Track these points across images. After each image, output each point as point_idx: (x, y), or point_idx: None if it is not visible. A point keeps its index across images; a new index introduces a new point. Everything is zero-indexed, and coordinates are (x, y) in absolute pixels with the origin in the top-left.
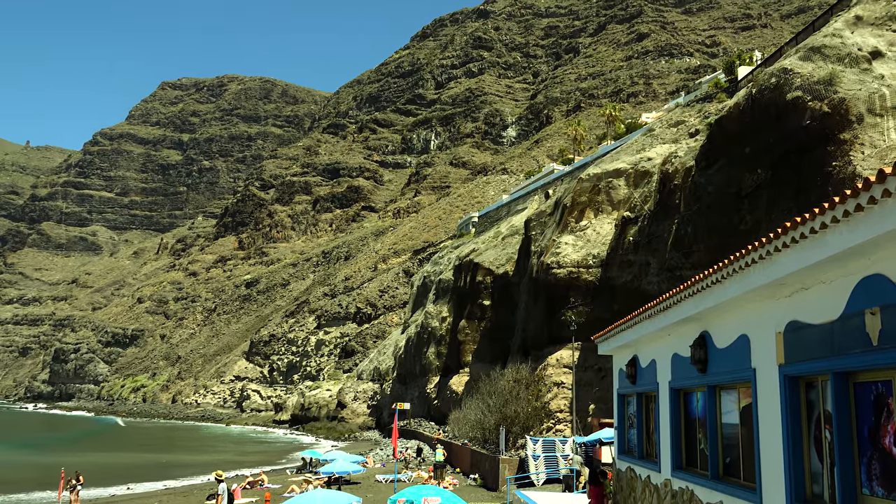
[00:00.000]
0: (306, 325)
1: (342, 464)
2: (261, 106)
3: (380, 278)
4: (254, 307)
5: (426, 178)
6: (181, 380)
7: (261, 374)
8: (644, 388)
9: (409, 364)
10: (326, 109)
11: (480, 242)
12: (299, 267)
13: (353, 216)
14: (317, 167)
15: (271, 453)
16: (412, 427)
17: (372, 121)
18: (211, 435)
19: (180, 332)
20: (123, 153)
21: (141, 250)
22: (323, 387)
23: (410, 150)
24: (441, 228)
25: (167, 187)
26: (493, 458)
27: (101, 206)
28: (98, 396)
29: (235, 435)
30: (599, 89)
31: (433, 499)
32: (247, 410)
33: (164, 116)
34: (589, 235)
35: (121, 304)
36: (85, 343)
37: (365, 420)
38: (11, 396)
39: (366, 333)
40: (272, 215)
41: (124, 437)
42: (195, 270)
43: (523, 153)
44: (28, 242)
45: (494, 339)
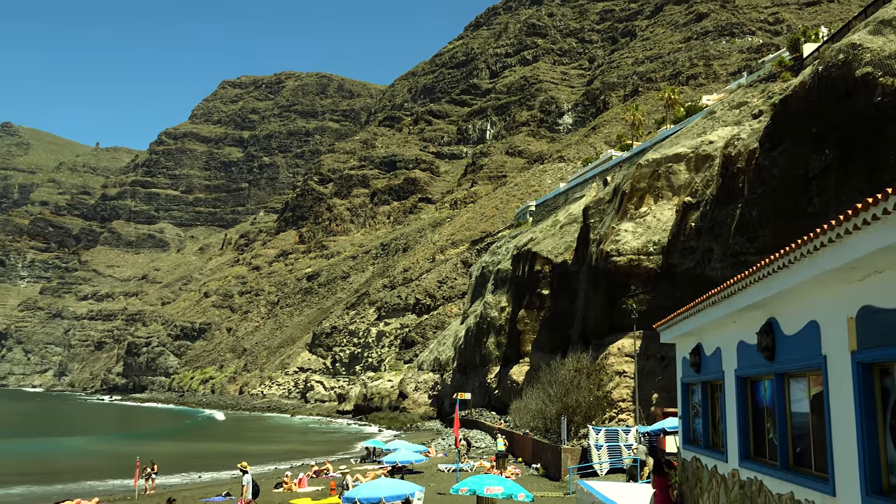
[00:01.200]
0: (367, 317)
1: (405, 453)
2: (318, 101)
3: (438, 269)
4: (315, 300)
5: (482, 168)
6: (247, 371)
7: (324, 365)
8: (709, 376)
9: (468, 354)
10: (382, 102)
11: (538, 231)
12: (359, 259)
13: (411, 208)
14: (374, 160)
15: (334, 443)
16: (473, 417)
17: (427, 112)
18: (276, 425)
19: (245, 325)
20: (187, 152)
21: (206, 246)
22: (384, 377)
23: (466, 140)
24: (498, 218)
25: (229, 184)
26: (555, 448)
27: (167, 204)
28: (169, 388)
29: (299, 425)
30: (657, 73)
31: (495, 488)
32: (311, 401)
33: (225, 115)
34: (649, 222)
35: (188, 299)
36: (156, 337)
37: (426, 410)
38: (89, 389)
39: (425, 324)
40: (331, 209)
41: (198, 427)
42: (258, 265)
43: (580, 140)
44: (100, 240)
45: (554, 329)
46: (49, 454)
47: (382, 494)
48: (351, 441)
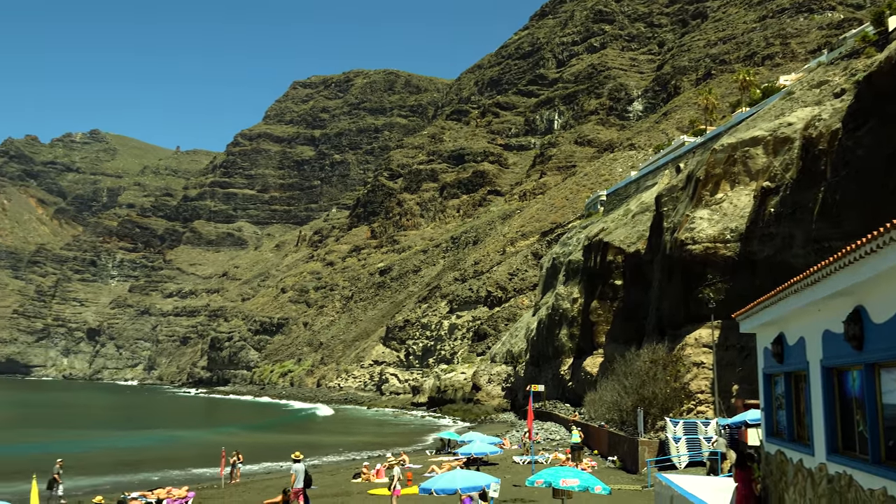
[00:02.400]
0: (439, 310)
1: (479, 445)
2: (386, 98)
3: (508, 261)
4: (388, 294)
5: (551, 159)
6: (324, 364)
7: (398, 358)
8: (792, 367)
9: (541, 346)
10: (449, 96)
11: (610, 221)
12: (429, 253)
13: (480, 201)
14: (442, 154)
15: (408, 435)
16: (547, 409)
17: (494, 104)
18: (351, 417)
19: (321, 319)
20: (262, 152)
21: (282, 243)
22: (457, 370)
23: (534, 131)
24: (568, 209)
25: (303, 182)
26: (632, 441)
27: (244, 203)
28: (251, 381)
29: (373, 417)
30: (731, 54)
31: (571, 480)
32: (386, 393)
33: (297, 115)
34: (725, 209)
35: (266, 295)
36: (237, 332)
37: (500, 402)
38: (176, 382)
39: (497, 317)
40: (401, 204)
41: (280, 418)
42: (332, 260)
43: (651, 127)
44: (183, 240)
45: (628, 320)
46: (145, 445)
47: (458, 486)
48: (425, 433)
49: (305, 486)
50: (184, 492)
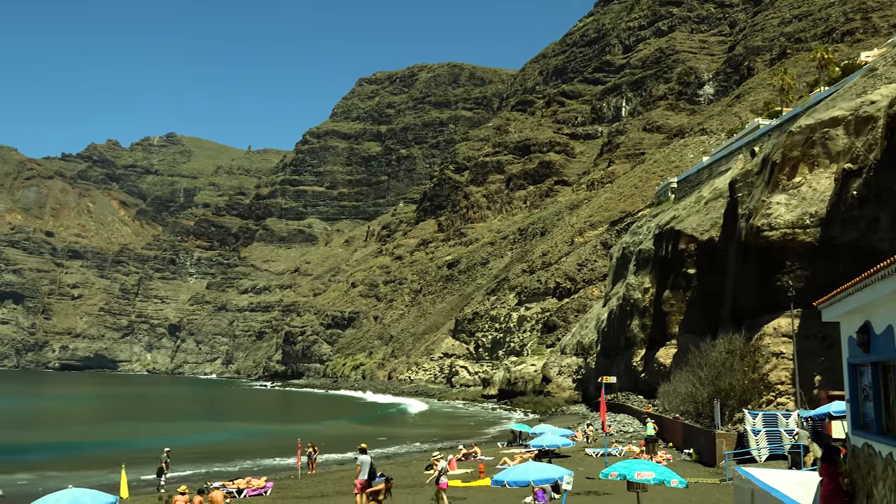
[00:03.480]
0: (507, 302)
1: (551, 437)
2: (450, 91)
3: (577, 252)
4: (456, 286)
5: (619, 147)
6: (395, 357)
7: (467, 350)
8: (880, 356)
9: (612, 337)
10: (513, 87)
11: (681, 209)
12: (497, 245)
13: (547, 191)
14: (508, 146)
15: (480, 426)
16: (619, 401)
17: (560, 94)
18: (420, 409)
19: (391, 312)
20: (330, 149)
21: (351, 238)
22: (527, 362)
23: (601, 119)
24: (638, 197)
25: (370, 177)
26: (709, 433)
27: (314, 200)
28: (324, 374)
29: (441, 409)
30: (807, 31)
31: (646, 473)
32: (456, 386)
33: (363, 111)
34: (804, 193)
35: (337, 289)
36: (309, 326)
37: (571, 394)
38: (253, 375)
39: (566, 308)
40: (468, 196)
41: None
42: (400, 254)
43: (723, 111)
44: (256, 237)
45: (702, 309)
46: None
47: (531, 478)
48: (496, 425)
49: (370, 478)
50: (262, 482)
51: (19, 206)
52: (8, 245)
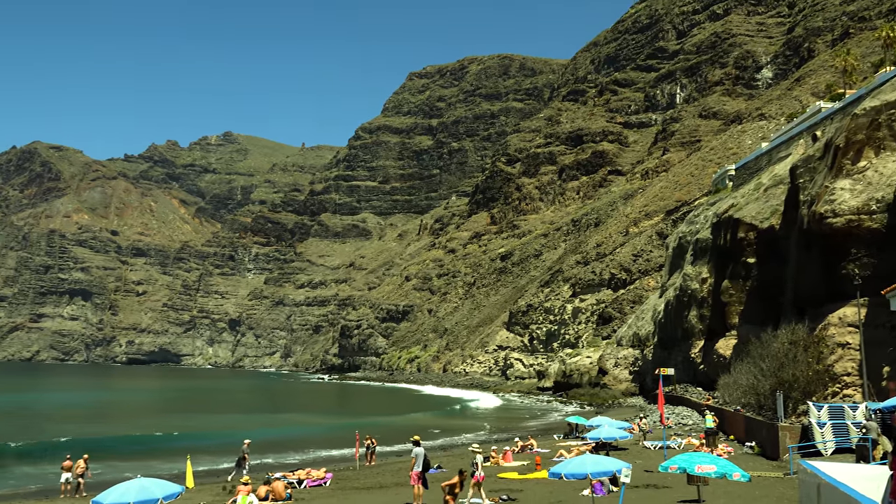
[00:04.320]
0: (561, 294)
1: (608, 430)
2: (501, 83)
3: (632, 242)
4: (510, 279)
5: (674, 135)
6: (449, 350)
7: (522, 343)
8: None
9: (669, 328)
10: (565, 77)
11: (739, 196)
12: (550, 237)
13: (600, 181)
14: (560, 136)
15: (535, 419)
16: (678, 393)
17: (612, 82)
18: (474, 401)
19: (445, 306)
20: (382, 144)
21: (404, 232)
22: (583, 354)
23: (655, 107)
24: (694, 185)
25: (422, 171)
26: (771, 426)
27: (367, 195)
28: (380, 367)
29: (498, 402)
30: (872, 9)
31: (708, 466)
32: (511, 378)
33: (414, 105)
34: (870, 177)
35: (391, 283)
36: (365, 320)
37: (627, 386)
38: (311, 369)
39: (622, 299)
40: (520, 188)
41: (406, 401)
42: (453, 247)
43: (782, 95)
44: (311, 233)
45: (763, 299)
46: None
47: (588, 470)
48: (551, 417)
49: (424, 470)
50: (322, 473)
51: (86, 207)
52: (76, 244)
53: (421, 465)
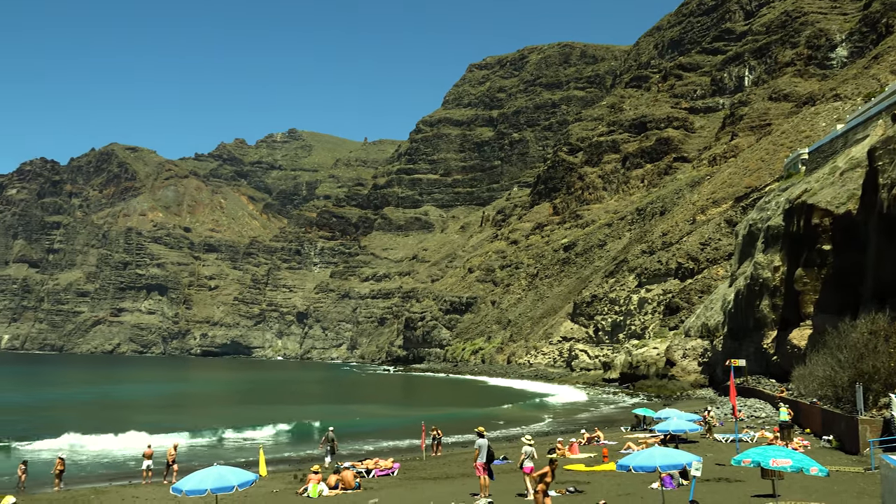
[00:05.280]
0: (627, 284)
1: (677, 422)
2: (561, 71)
3: (700, 231)
4: (573, 269)
5: (742, 119)
6: (513, 342)
7: (586, 334)
8: None
9: (740, 319)
10: (627, 63)
11: (813, 181)
12: (614, 226)
13: (666, 169)
14: (623, 124)
15: (601, 411)
16: (749, 385)
17: (676, 67)
18: (540, 393)
19: (508, 297)
20: (443, 137)
21: (466, 224)
22: (650, 345)
23: (722, 91)
24: (764, 171)
25: (483, 163)
26: (851, 419)
27: (429, 188)
28: (444, 359)
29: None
30: None
31: (783, 460)
32: (576, 370)
33: (474, 97)
34: None
35: (454, 275)
36: (429, 312)
37: (696, 378)
38: (376, 360)
39: (689, 289)
40: (583, 178)
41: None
42: (516, 239)
43: (858, 74)
44: (374, 226)
45: (840, 288)
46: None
47: (658, 463)
48: (616, 409)
49: (489, 461)
50: (390, 462)
51: (160, 205)
52: (152, 241)
53: (485, 455)
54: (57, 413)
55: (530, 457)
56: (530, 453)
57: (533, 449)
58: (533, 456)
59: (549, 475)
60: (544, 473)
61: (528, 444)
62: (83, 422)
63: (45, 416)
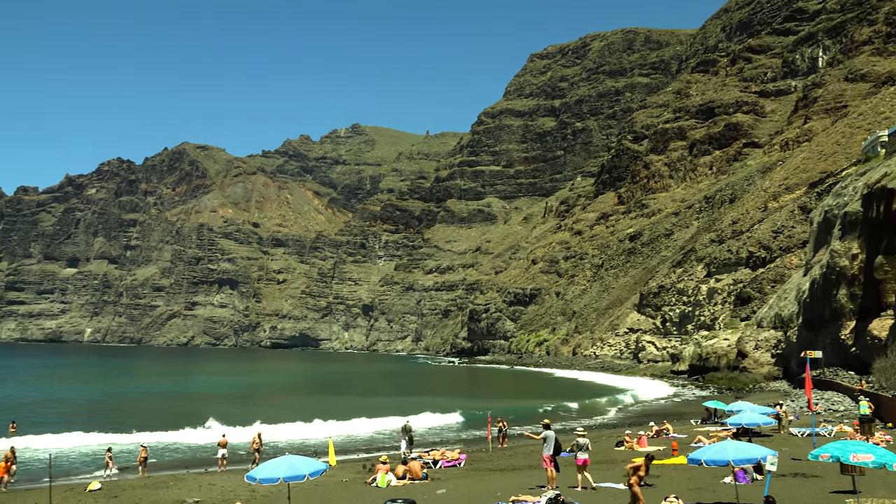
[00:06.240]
0: (695, 274)
1: (750, 415)
2: (625, 58)
3: (772, 218)
4: (639, 260)
5: (816, 101)
6: (578, 333)
7: (653, 325)
8: None
9: (816, 309)
10: (693, 47)
11: (894, 165)
12: (681, 215)
13: (735, 155)
14: (689, 110)
15: (666, 403)
16: (826, 377)
17: (745, 49)
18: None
19: (573, 288)
20: (504, 128)
21: (529, 216)
22: (720, 336)
23: (794, 72)
24: (840, 155)
25: (545, 153)
26: None
27: (491, 180)
28: (508, 351)
29: (622, 386)
30: None
31: (864, 455)
32: (643, 361)
33: (536, 87)
34: None
35: (518, 267)
36: (492, 304)
37: (769, 370)
38: (441, 352)
39: (761, 278)
40: (648, 166)
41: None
42: (580, 229)
43: None
44: (437, 219)
45: None
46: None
47: (730, 457)
48: (683, 401)
49: (555, 453)
50: (456, 454)
51: (230, 201)
52: (222, 237)
53: (552, 448)
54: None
55: (584, 448)
56: (584, 445)
57: (587, 441)
58: (587, 448)
59: (642, 468)
60: (637, 466)
61: (582, 436)
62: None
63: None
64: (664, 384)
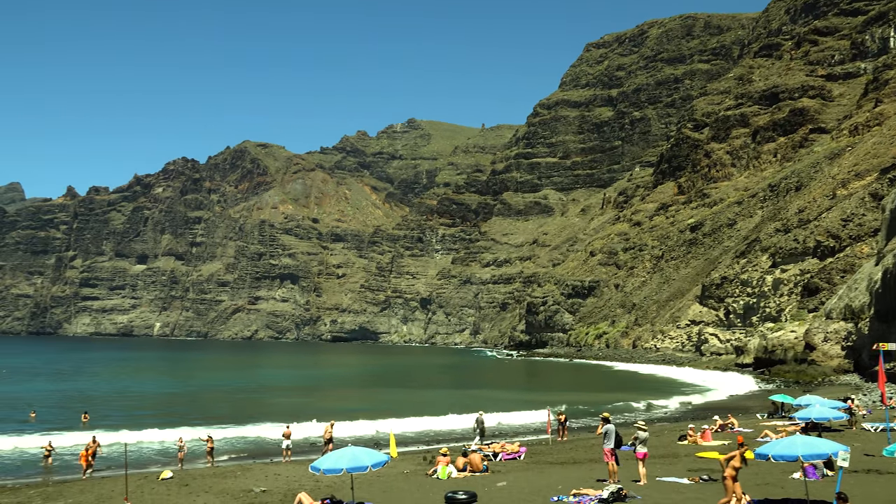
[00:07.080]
0: (759, 265)
1: (819, 409)
2: (684, 45)
3: (841, 206)
4: (701, 250)
5: (888, 84)
6: (638, 326)
7: (716, 317)
8: None
9: (889, 299)
10: (756, 31)
11: None
12: (744, 204)
13: (801, 141)
14: (752, 96)
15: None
16: None
17: (811, 31)
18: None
19: (632, 280)
20: (561, 119)
21: (587, 207)
22: (786, 328)
23: (864, 54)
24: None
25: (603, 144)
26: None
27: (548, 172)
28: (567, 343)
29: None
30: None
31: None
32: (706, 354)
33: (592, 77)
34: None
35: (576, 259)
36: (550, 296)
37: (840, 363)
38: (499, 345)
39: (830, 268)
40: (709, 155)
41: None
42: (639, 220)
43: None
44: (494, 212)
45: None
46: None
47: (799, 452)
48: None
49: (616, 446)
50: (516, 447)
51: (290, 198)
52: (283, 232)
53: (612, 441)
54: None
55: (643, 442)
56: (644, 439)
57: (647, 434)
58: (646, 440)
59: (737, 459)
60: (732, 457)
61: (642, 429)
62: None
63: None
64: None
